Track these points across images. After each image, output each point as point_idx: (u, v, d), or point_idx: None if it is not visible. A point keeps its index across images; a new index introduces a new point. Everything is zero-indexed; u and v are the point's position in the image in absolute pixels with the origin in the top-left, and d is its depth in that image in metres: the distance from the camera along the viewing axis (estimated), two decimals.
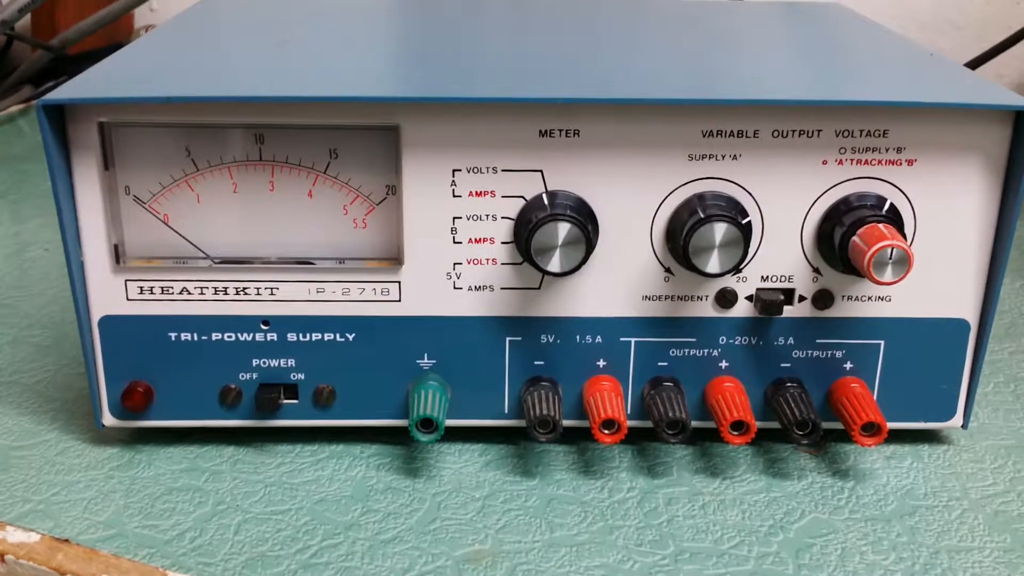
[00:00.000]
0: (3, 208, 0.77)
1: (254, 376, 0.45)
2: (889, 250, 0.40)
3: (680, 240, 0.42)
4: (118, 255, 0.43)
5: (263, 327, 0.45)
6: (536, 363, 0.45)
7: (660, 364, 0.45)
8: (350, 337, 0.45)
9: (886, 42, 0.54)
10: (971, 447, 0.47)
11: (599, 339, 0.45)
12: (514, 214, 0.43)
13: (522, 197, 0.43)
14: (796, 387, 0.45)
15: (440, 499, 0.43)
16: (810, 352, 0.45)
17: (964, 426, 0.46)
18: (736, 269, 0.42)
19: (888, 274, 0.40)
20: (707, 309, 0.44)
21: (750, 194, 0.43)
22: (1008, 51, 0.86)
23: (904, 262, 0.40)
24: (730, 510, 0.43)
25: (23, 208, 0.77)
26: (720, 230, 0.41)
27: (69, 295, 0.61)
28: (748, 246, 0.42)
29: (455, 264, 0.44)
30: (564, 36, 0.55)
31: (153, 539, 0.41)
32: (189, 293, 0.44)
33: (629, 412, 0.46)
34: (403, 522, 0.42)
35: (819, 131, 0.42)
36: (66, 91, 0.41)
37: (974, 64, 0.86)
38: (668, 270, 0.44)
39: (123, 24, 1.15)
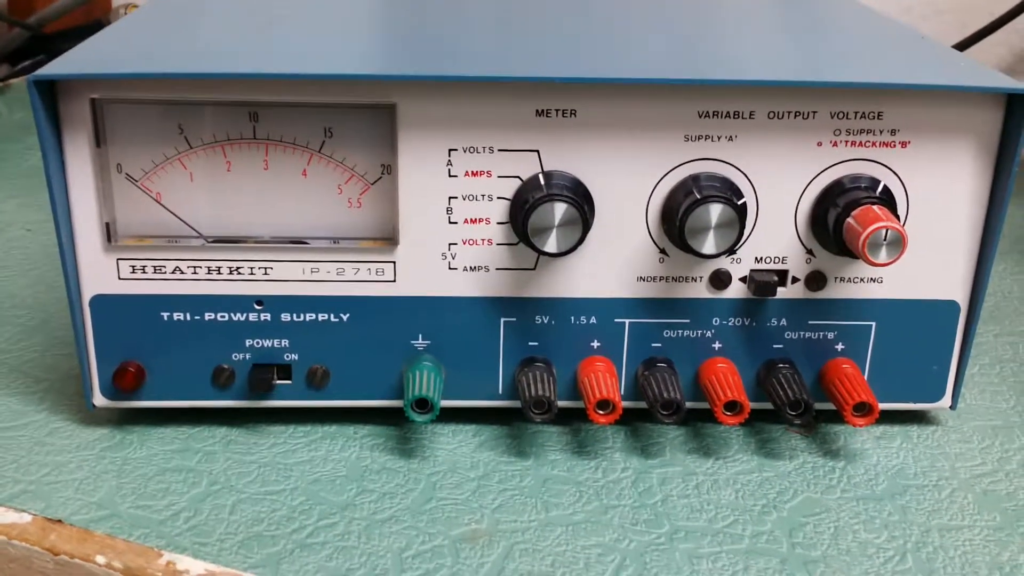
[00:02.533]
0: None
1: (247, 356, 0.45)
2: (884, 231, 0.40)
3: (676, 221, 0.42)
4: (110, 234, 0.43)
5: (256, 307, 0.44)
6: (531, 344, 0.45)
7: (654, 345, 0.46)
8: (344, 317, 0.44)
9: (878, 25, 0.54)
10: (959, 427, 0.48)
11: (593, 320, 0.45)
12: (510, 194, 0.43)
13: (518, 177, 0.43)
14: (788, 368, 0.45)
15: (435, 479, 0.43)
16: (802, 333, 0.45)
17: (953, 407, 0.47)
18: (731, 250, 0.43)
19: (883, 255, 0.40)
20: (701, 290, 0.45)
21: (745, 175, 0.43)
22: (989, 37, 0.87)
23: (899, 243, 0.40)
24: (723, 490, 0.43)
25: (1, 188, 0.76)
26: (716, 211, 0.41)
27: (54, 275, 0.61)
28: (743, 227, 0.42)
29: (450, 244, 0.43)
30: (561, 15, 0.54)
31: (147, 519, 0.40)
32: (182, 272, 0.44)
33: (623, 393, 0.46)
34: (399, 502, 0.42)
35: (814, 113, 0.42)
36: (58, 66, 0.41)
37: (956, 49, 0.86)
38: (663, 251, 0.44)
39: (100, 2, 1.14)
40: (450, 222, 0.43)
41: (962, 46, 0.86)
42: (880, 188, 0.42)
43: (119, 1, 1.13)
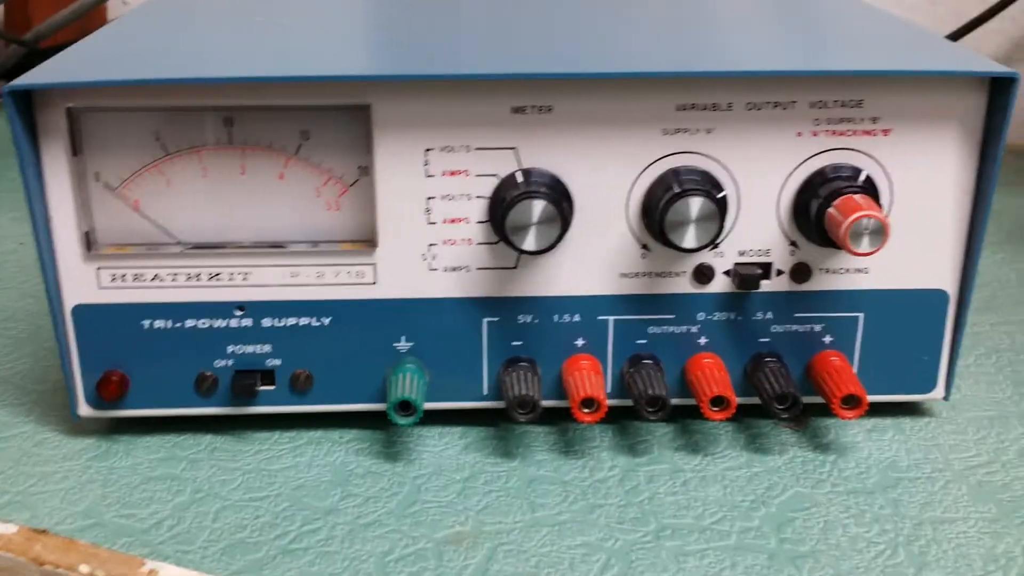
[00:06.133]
0: None
1: (230, 363, 0.45)
2: (865, 220, 0.39)
3: (656, 215, 0.41)
4: (89, 242, 0.43)
5: (237, 313, 0.44)
6: (514, 343, 0.45)
7: (639, 342, 0.45)
8: (326, 321, 0.44)
9: (859, 12, 0.54)
10: (953, 419, 0.47)
11: (577, 318, 0.45)
12: (488, 193, 0.43)
13: (496, 175, 0.42)
14: (775, 362, 0.45)
15: (420, 482, 0.43)
16: (789, 326, 0.45)
17: (946, 398, 0.46)
18: (713, 244, 0.42)
19: (865, 245, 0.40)
20: (685, 285, 0.44)
21: (725, 168, 0.42)
22: (984, 25, 0.86)
23: (881, 232, 0.40)
24: (712, 486, 0.43)
25: None
26: (695, 204, 0.41)
27: (44, 287, 0.61)
28: (724, 220, 0.41)
29: (430, 245, 0.43)
30: (535, 11, 0.54)
31: (131, 528, 0.40)
32: (161, 280, 0.43)
33: (609, 391, 0.46)
34: (383, 506, 0.41)
35: (793, 102, 0.41)
36: (33, 76, 0.41)
37: (951, 39, 0.86)
38: (645, 247, 0.44)
39: (96, 17, 1.14)
40: (429, 222, 0.43)
41: (957, 35, 0.85)
42: (862, 177, 0.42)
43: (113, 15, 1.14)
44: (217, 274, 0.43)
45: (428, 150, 0.42)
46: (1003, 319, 0.57)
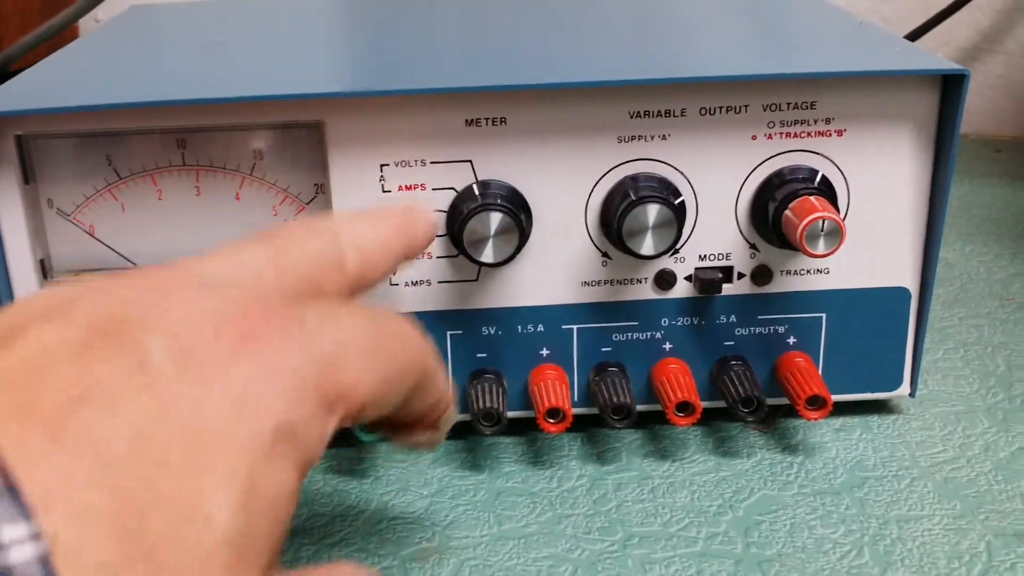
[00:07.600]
0: None
1: None
2: (820, 222, 0.39)
3: (613, 224, 0.41)
4: (44, 270, 0.42)
5: None
6: (479, 355, 0.45)
7: (604, 349, 0.45)
8: None
9: (813, 12, 0.54)
10: (920, 415, 0.47)
11: (541, 328, 0.44)
12: (446, 206, 0.42)
13: (453, 189, 0.42)
14: (740, 365, 0.44)
15: (387, 499, 0.43)
16: (753, 329, 0.45)
17: (912, 394, 0.46)
18: (672, 250, 0.42)
19: (821, 246, 0.40)
20: (647, 292, 0.44)
21: (682, 173, 0.42)
22: (954, 16, 0.86)
23: (836, 234, 0.40)
24: (679, 492, 0.42)
25: None
26: (652, 211, 0.41)
27: None
28: (682, 226, 0.41)
29: None
30: (487, 23, 0.54)
31: None
32: None
33: (576, 400, 0.46)
34: (349, 524, 0.41)
35: (746, 106, 0.41)
36: None
37: (920, 31, 0.86)
38: (605, 254, 0.43)
39: (68, 36, 1.14)
40: None
41: (925, 27, 0.85)
42: (818, 179, 0.42)
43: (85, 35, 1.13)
44: None
45: (383, 165, 0.42)
46: (971, 312, 0.57)
